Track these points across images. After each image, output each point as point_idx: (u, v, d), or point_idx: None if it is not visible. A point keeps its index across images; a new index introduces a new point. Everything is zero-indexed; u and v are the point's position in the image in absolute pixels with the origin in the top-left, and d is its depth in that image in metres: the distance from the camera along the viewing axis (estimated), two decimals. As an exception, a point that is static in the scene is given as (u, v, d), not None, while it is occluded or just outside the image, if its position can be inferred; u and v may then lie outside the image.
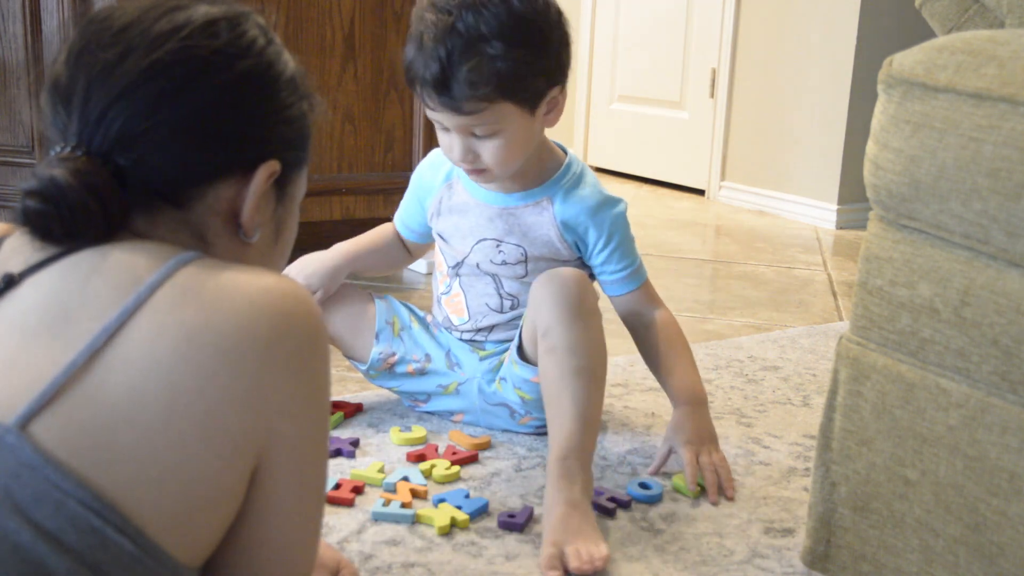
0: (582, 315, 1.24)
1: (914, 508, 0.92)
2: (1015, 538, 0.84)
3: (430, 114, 1.27)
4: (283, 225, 0.82)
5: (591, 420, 1.20)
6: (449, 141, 1.28)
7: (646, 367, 1.42)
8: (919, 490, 0.91)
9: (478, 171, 1.30)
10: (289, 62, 0.78)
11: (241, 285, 0.69)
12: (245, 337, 0.67)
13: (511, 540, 1.13)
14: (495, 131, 1.25)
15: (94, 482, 0.63)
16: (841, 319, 2.13)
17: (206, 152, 0.73)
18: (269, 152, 0.76)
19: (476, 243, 1.38)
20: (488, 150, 1.26)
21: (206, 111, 0.72)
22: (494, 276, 1.39)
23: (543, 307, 1.25)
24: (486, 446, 1.37)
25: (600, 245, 1.36)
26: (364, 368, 1.47)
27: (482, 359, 1.42)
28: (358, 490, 1.21)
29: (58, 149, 0.70)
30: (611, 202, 1.36)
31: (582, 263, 1.39)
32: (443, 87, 1.21)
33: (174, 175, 0.72)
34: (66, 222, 0.69)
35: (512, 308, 1.40)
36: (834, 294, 2.34)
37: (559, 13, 1.28)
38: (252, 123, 0.75)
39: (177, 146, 0.72)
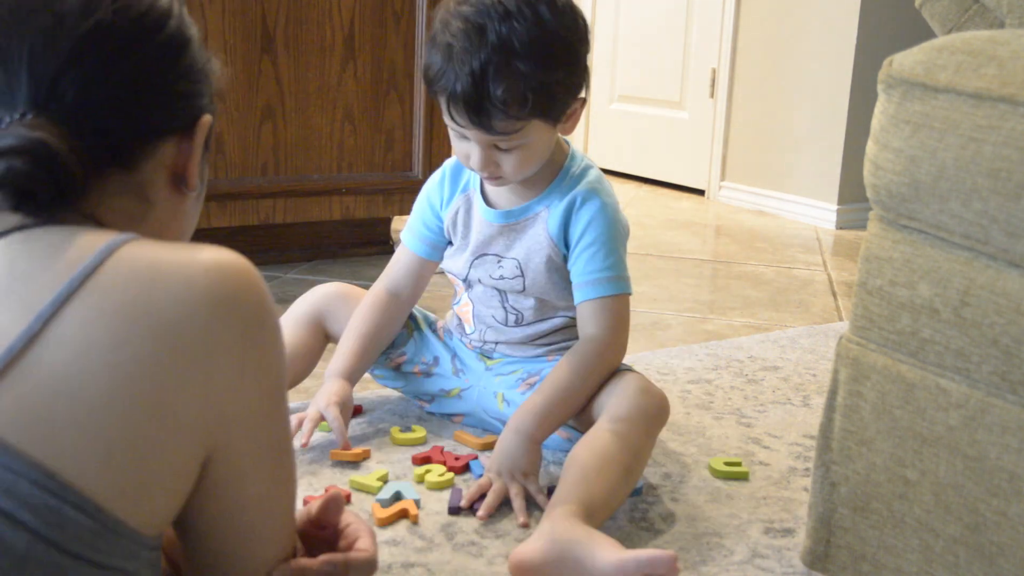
0: (653, 430, 1.23)
1: (914, 508, 0.92)
2: (1015, 538, 0.84)
3: (452, 125, 1.24)
4: (203, 172, 0.84)
5: (604, 508, 1.13)
6: (467, 149, 1.25)
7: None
8: (919, 490, 0.91)
9: (496, 178, 1.28)
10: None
11: (178, 265, 0.68)
12: (184, 321, 0.66)
13: (511, 540, 1.13)
14: (519, 145, 1.23)
15: (45, 462, 0.62)
16: (841, 319, 2.13)
17: (156, 111, 0.75)
18: (204, 105, 0.80)
19: (476, 258, 1.37)
20: (509, 161, 1.24)
21: (152, 70, 0.75)
22: (499, 290, 1.38)
23: (627, 397, 1.22)
24: (491, 446, 1.37)
25: (575, 237, 1.30)
26: (371, 368, 1.47)
27: (488, 368, 1.42)
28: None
29: (17, 116, 0.69)
30: (593, 196, 1.30)
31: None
32: (475, 105, 1.17)
33: (127, 136, 0.74)
34: (58, 184, 0.68)
35: (517, 323, 1.39)
36: (834, 294, 2.34)
37: (585, 24, 1.24)
38: (188, 78, 0.78)
39: (130, 107, 0.73)
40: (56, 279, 0.66)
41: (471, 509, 1.19)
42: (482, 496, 1.20)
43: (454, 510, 1.19)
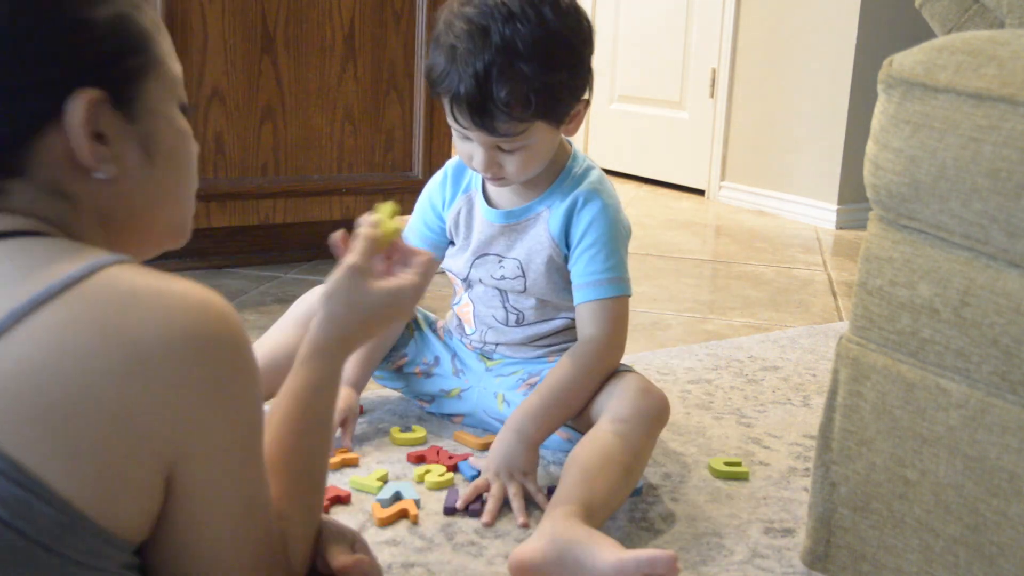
0: (653, 431, 1.23)
1: (914, 508, 0.92)
2: (1015, 538, 0.84)
3: (455, 126, 1.24)
4: (151, 140, 0.75)
5: (604, 508, 1.13)
6: (470, 150, 1.25)
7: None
8: (919, 490, 0.91)
9: (499, 179, 1.28)
10: None
11: (160, 295, 0.67)
12: (158, 349, 0.65)
13: (511, 540, 1.13)
14: (522, 146, 1.23)
15: (10, 452, 0.62)
16: (841, 319, 2.13)
17: (10, 108, 0.69)
18: (77, 81, 0.69)
19: (477, 258, 1.37)
20: (512, 162, 1.24)
21: None
22: (500, 290, 1.38)
23: (628, 398, 1.22)
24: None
25: (576, 238, 1.30)
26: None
27: (488, 368, 1.42)
28: (340, 499, 1.20)
29: None
30: (595, 197, 1.30)
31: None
32: (478, 107, 1.17)
33: None
34: None
35: (518, 323, 1.39)
36: (834, 294, 2.34)
37: (589, 26, 1.24)
38: (44, 61, 0.69)
39: None
40: (35, 285, 0.65)
41: (467, 510, 1.19)
42: (478, 498, 1.20)
43: (450, 511, 1.19)
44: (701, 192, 3.55)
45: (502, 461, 1.22)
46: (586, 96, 1.26)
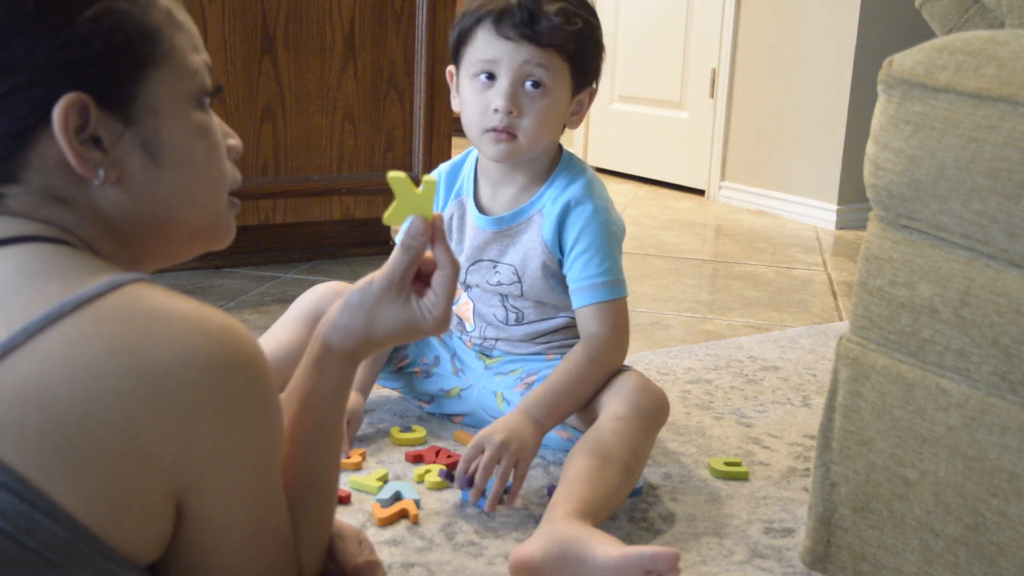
0: (652, 428, 1.24)
1: (914, 508, 0.92)
2: (1015, 538, 0.84)
3: (484, 56, 1.25)
4: (155, 141, 0.72)
5: (604, 507, 1.13)
6: (487, 100, 1.26)
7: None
8: (919, 490, 0.91)
9: (508, 136, 1.27)
10: None
11: (179, 318, 0.65)
12: (173, 373, 0.64)
13: (511, 540, 1.13)
14: (546, 89, 1.26)
15: (14, 466, 0.61)
16: (841, 319, 2.13)
17: None
18: (63, 86, 0.67)
19: (471, 264, 1.37)
20: (531, 109, 1.26)
21: None
22: (499, 293, 1.39)
23: (626, 395, 1.23)
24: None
25: (569, 244, 1.31)
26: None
27: (488, 367, 1.42)
28: (340, 499, 1.19)
29: None
30: (586, 200, 1.31)
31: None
32: (528, 15, 1.23)
33: None
34: None
35: (518, 322, 1.39)
36: (834, 294, 2.34)
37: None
38: (24, 67, 0.66)
39: None
40: (48, 301, 0.64)
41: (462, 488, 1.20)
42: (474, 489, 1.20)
43: (446, 474, 1.22)
44: (701, 192, 3.55)
45: (508, 429, 1.19)
46: (594, 86, 1.33)
